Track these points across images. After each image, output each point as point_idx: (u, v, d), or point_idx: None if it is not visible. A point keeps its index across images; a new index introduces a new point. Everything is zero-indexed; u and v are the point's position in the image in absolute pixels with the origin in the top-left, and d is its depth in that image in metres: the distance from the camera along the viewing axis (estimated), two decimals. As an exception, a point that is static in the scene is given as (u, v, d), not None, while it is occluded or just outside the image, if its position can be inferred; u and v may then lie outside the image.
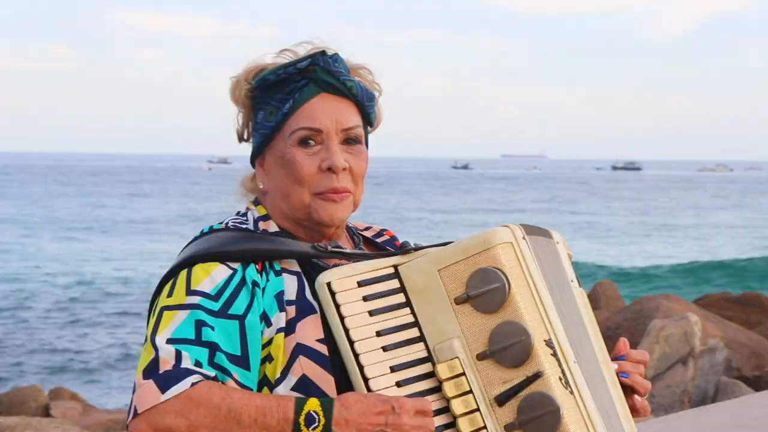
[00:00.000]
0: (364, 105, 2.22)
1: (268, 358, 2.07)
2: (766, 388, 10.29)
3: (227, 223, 2.20)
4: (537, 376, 2.04)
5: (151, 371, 1.98)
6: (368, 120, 2.25)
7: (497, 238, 2.09)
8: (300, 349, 2.06)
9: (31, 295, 27.54)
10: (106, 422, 11.08)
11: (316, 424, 1.95)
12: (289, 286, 2.11)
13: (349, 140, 2.20)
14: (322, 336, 2.07)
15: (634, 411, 2.32)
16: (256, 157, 2.25)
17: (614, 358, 2.35)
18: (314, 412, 1.96)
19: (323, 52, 2.19)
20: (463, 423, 2.05)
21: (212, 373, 2.00)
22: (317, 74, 2.18)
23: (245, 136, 2.27)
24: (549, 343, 2.06)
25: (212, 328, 2.03)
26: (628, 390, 2.32)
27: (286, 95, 2.18)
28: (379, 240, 2.36)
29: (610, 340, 2.36)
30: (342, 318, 2.04)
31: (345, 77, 2.19)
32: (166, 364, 1.98)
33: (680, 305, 13.20)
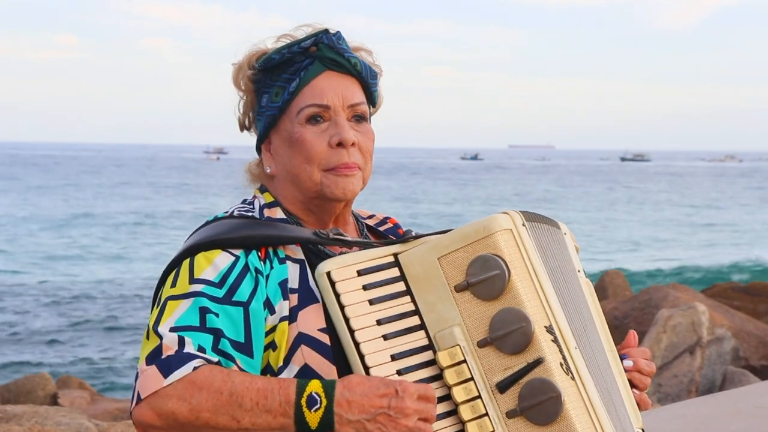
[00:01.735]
0: (368, 82, 2.23)
1: (272, 346, 2.07)
2: (774, 377, 10.28)
3: (232, 212, 2.20)
4: (538, 362, 2.04)
5: (154, 357, 1.99)
6: (371, 99, 2.26)
7: (497, 225, 2.09)
8: (302, 339, 2.06)
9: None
10: (114, 411, 11.10)
11: (318, 405, 1.95)
12: (293, 273, 2.11)
13: (356, 117, 2.21)
14: (323, 326, 2.07)
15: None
16: (261, 142, 2.25)
17: (620, 354, 2.34)
18: (316, 393, 1.96)
19: (326, 31, 2.20)
20: (464, 410, 2.05)
21: (215, 358, 2.00)
22: (321, 52, 2.19)
23: (247, 124, 2.28)
24: (549, 330, 2.06)
25: (216, 315, 2.03)
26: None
27: (291, 75, 2.18)
28: (382, 228, 2.37)
29: (617, 330, 2.36)
30: (342, 307, 2.04)
31: (349, 54, 2.21)
32: (169, 350, 1.99)
33: (688, 295, 13.19)
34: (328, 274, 2.05)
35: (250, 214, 2.20)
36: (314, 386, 1.96)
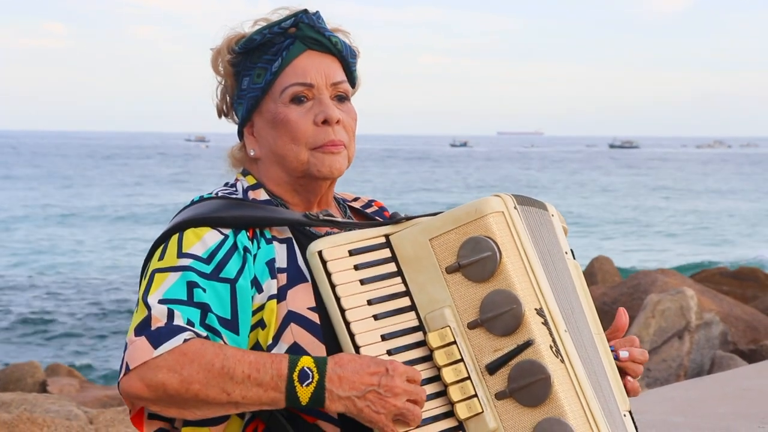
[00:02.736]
0: (348, 61, 2.24)
1: (260, 324, 2.07)
2: (762, 361, 10.33)
3: (217, 193, 2.21)
4: (527, 344, 2.04)
5: (143, 328, 1.98)
6: (351, 79, 2.26)
7: (488, 207, 2.09)
8: (291, 317, 2.06)
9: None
10: (103, 398, 11.10)
11: (310, 380, 1.95)
12: (280, 253, 2.11)
13: (339, 96, 2.22)
14: (313, 304, 2.07)
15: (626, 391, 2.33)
16: (243, 125, 2.25)
17: (613, 338, 2.35)
18: (308, 368, 1.96)
19: (305, 11, 2.20)
20: (453, 391, 2.05)
21: (204, 333, 2.00)
22: (302, 32, 2.19)
23: (225, 109, 2.28)
24: (540, 312, 2.06)
25: (204, 290, 2.03)
26: (620, 372, 2.32)
27: (272, 56, 2.19)
28: (368, 211, 2.37)
29: (607, 315, 2.35)
30: (333, 286, 2.04)
31: (329, 33, 2.21)
32: (158, 321, 1.98)
33: (676, 280, 13.24)
34: (320, 253, 2.05)
35: (234, 196, 2.20)
36: (306, 361, 1.97)
